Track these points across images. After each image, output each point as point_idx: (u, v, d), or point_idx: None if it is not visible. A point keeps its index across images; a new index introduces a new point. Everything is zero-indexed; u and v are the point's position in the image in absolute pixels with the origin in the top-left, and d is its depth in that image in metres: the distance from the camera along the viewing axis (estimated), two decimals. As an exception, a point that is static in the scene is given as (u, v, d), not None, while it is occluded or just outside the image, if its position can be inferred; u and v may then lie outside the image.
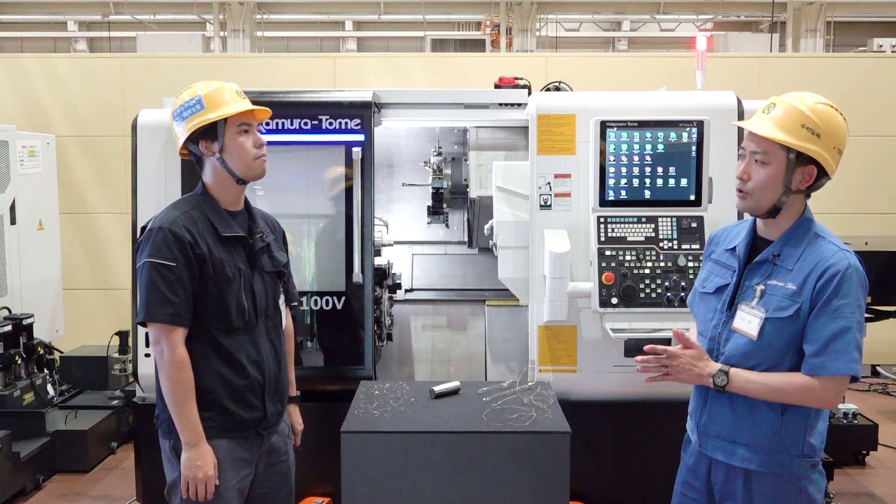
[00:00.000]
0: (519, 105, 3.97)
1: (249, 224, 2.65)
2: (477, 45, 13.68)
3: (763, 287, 2.28)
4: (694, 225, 3.50)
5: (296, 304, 2.91)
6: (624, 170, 3.54)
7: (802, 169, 2.22)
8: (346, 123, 3.73)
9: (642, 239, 3.50)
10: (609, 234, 3.51)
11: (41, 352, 4.97)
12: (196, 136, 2.53)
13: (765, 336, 2.24)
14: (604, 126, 3.53)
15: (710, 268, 2.49)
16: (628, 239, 3.50)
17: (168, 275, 2.42)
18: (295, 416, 2.88)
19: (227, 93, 2.55)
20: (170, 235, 2.43)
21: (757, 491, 2.31)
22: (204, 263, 2.47)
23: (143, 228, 2.54)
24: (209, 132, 2.52)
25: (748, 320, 2.28)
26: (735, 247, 2.40)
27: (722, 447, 2.35)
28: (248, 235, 2.62)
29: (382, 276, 4.05)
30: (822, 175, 2.24)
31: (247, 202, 2.69)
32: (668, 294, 3.43)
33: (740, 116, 3.62)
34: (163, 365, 2.44)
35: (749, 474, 2.31)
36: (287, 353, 2.79)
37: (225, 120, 2.52)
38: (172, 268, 2.42)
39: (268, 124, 3.62)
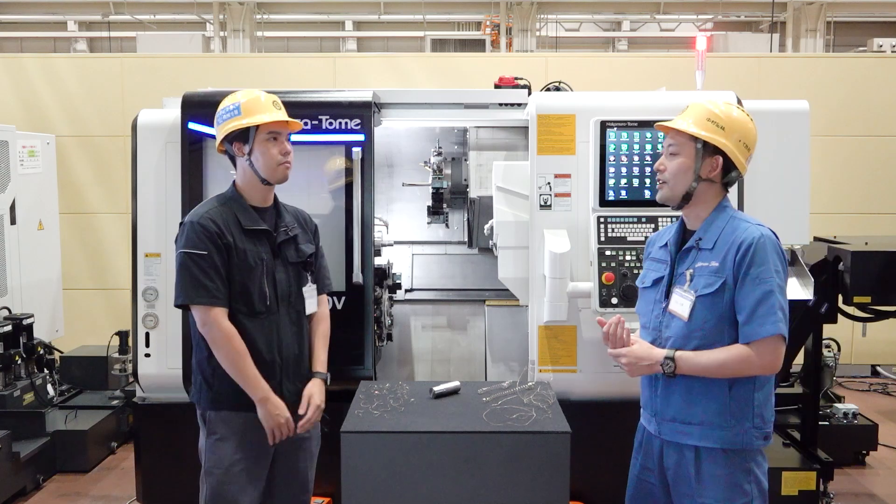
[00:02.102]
0: (519, 105, 3.97)
1: (276, 219, 2.88)
2: (477, 45, 13.66)
3: (692, 271, 2.47)
4: (694, 225, 3.50)
5: (325, 293, 3.08)
6: (624, 170, 3.54)
7: (710, 159, 2.46)
8: (346, 123, 3.73)
9: (642, 239, 3.50)
10: (609, 234, 3.51)
11: (41, 352, 4.97)
12: (231, 138, 2.79)
13: (695, 315, 2.42)
14: (604, 126, 3.53)
15: (648, 265, 2.70)
16: (628, 239, 3.51)
17: (201, 262, 2.68)
18: (313, 389, 2.88)
19: (263, 102, 2.80)
20: (199, 227, 2.70)
21: (705, 471, 2.42)
22: (230, 252, 2.72)
23: (181, 224, 2.80)
24: (242, 135, 2.78)
25: (681, 302, 2.47)
26: (667, 242, 2.60)
27: (680, 430, 2.48)
28: (273, 229, 2.84)
29: (382, 276, 4.05)
30: (732, 167, 2.47)
31: (276, 200, 2.93)
32: (668, 294, 3.43)
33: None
34: (216, 340, 2.69)
35: (699, 454, 2.44)
36: (322, 334, 3.02)
37: (257, 126, 2.76)
38: (204, 256, 2.68)
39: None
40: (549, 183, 3.66)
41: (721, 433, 2.41)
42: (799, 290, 3.83)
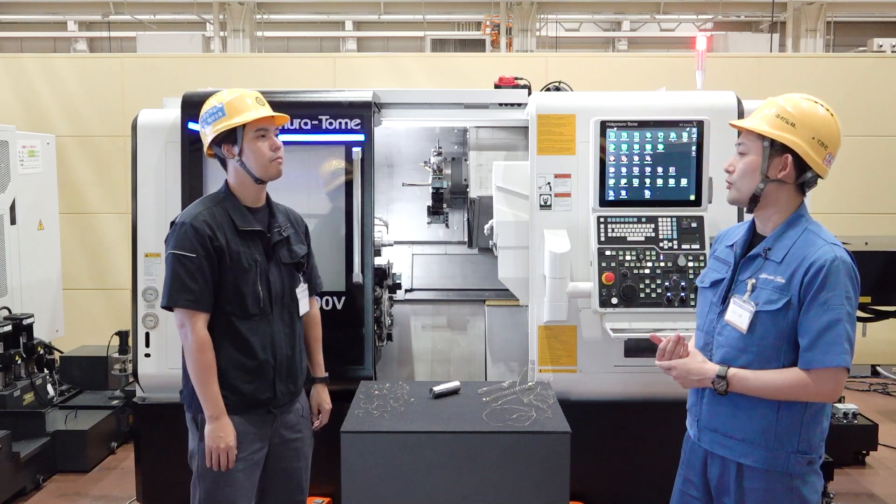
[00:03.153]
0: (519, 105, 3.97)
1: (269, 219, 2.84)
2: (477, 45, 13.66)
3: (754, 281, 2.32)
4: (694, 225, 3.50)
5: (317, 293, 3.10)
6: (624, 170, 3.54)
7: (779, 158, 2.29)
8: (346, 123, 3.73)
9: (642, 239, 3.50)
10: (609, 234, 3.51)
11: (41, 352, 4.97)
12: (219, 140, 2.75)
13: (756, 329, 2.28)
14: (604, 126, 3.53)
15: (711, 264, 2.55)
16: (628, 239, 3.50)
17: (189, 265, 2.64)
18: (323, 396, 3.05)
19: (247, 100, 2.75)
20: (191, 229, 2.66)
21: (748, 487, 2.33)
22: (222, 254, 2.69)
23: (173, 223, 2.76)
24: (230, 136, 2.73)
25: (739, 313, 2.33)
26: (734, 243, 2.46)
27: (720, 441, 2.38)
28: (267, 230, 2.81)
29: (382, 276, 4.05)
30: (805, 168, 2.29)
31: (269, 199, 2.89)
32: (668, 294, 3.43)
33: (740, 116, 3.62)
34: (187, 346, 2.67)
35: (741, 469, 2.33)
36: (315, 337, 3.04)
37: (244, 126, 2.72)
38: (192, 258, 2.64)
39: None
40: (549, 183, 3.66)
41: (762, 453, 2.29)
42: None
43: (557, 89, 4.19)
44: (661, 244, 3.49)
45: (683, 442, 2.57)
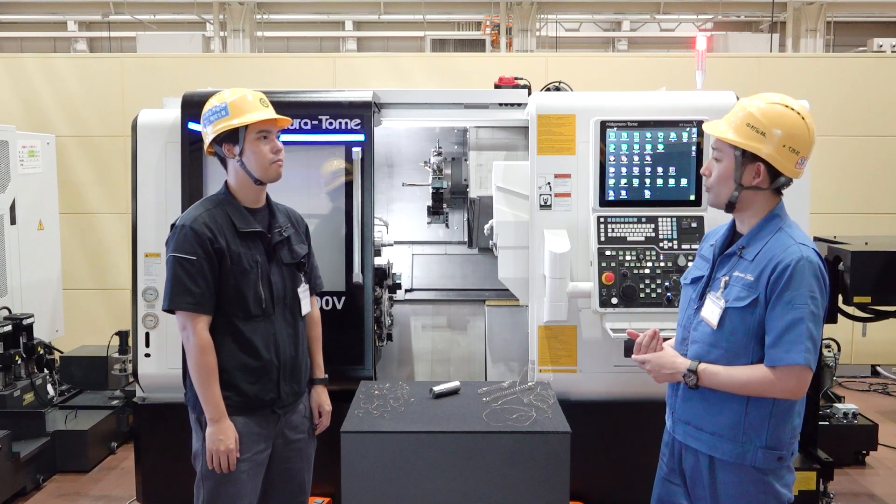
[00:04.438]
0: (519, 105, 3.97)
1: (270, 220, 2.85)
2: (477, 45, 13.66)
3: (728, 278, 2.38)
4: (694, 225, 3.50)
5: (318, 293, 3.08)
6: (624, 170, 3.54)
7: (751, 166, 2.31)
8: (346, 123, 3.73)
9: (642, 239, 3.50)
10: (609, 234, 3.51)
11: (41, 352, 4.97)
12: (220, 139, 2.75)
13: (724, 325, 2.34)
14: (604, 126, 3.53)
15: (695, 262, 2.61)
16: (628, 239, 3.51)
17: (189, 267, 2.64)
18: (323, 397, 3.03)
19: (251, 101, 2.75)
20: (191, 232, 2.66)
21: (721, 479, 2.37)
22: (223, 257, 2.69)
23: (173, 226, 2.76)
24: (232, 136, 2.73)
25: (711, 309, 2.38)
26: (714, 242, 2.51)
27: (692, 433, 2.43)
28: (268, 231, 2.80)
29: (382, 276, 4.05)
30: (777, 174, 2.31)
31: (269, 199, 2.89)
32: (668, 294, 3.44)
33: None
34: (189, 348, 2.67)
35: (713, 462, 2.38)
36: (315, 337, 3.02)
37: (246, 126, 2.72)
38: (193, 261, 2.64)
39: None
40: (549, 183, 3.66)
41: (730, 447, 2.34)
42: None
43: (557, 89, 4.19)
44: (661, 244, 3.49)
45: (664, 434, 2.63)
